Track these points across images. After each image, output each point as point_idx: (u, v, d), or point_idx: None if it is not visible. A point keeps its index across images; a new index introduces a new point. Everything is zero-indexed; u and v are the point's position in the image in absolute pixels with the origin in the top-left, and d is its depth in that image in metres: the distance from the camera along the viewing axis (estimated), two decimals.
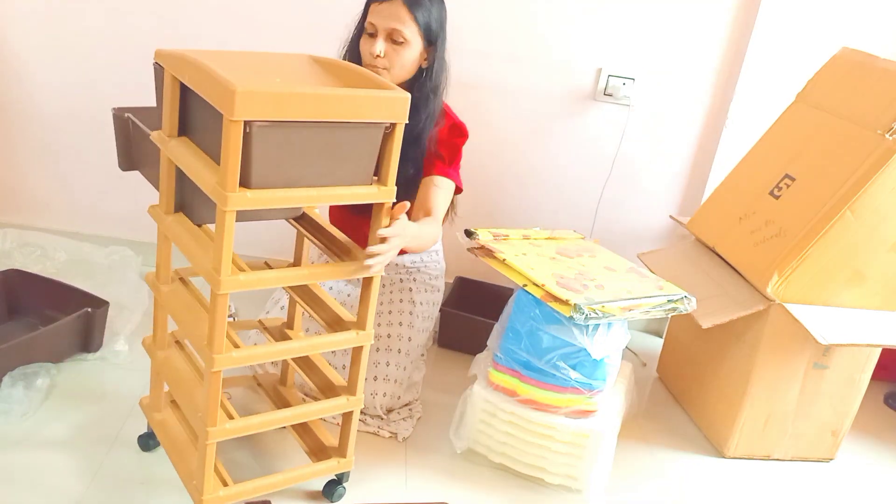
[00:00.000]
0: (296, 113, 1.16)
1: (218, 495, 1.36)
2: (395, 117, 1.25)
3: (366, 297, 1.40)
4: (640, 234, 2.45)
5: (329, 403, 1.46)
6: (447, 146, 1.81)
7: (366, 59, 1.74)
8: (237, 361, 1.29)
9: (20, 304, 1.97)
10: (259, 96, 1.12)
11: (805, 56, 2.17)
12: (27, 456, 1.53)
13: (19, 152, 2.41)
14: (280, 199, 1.21)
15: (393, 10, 1.69)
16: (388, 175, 1.30)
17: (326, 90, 1.25)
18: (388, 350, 1.83)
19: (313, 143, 1.21)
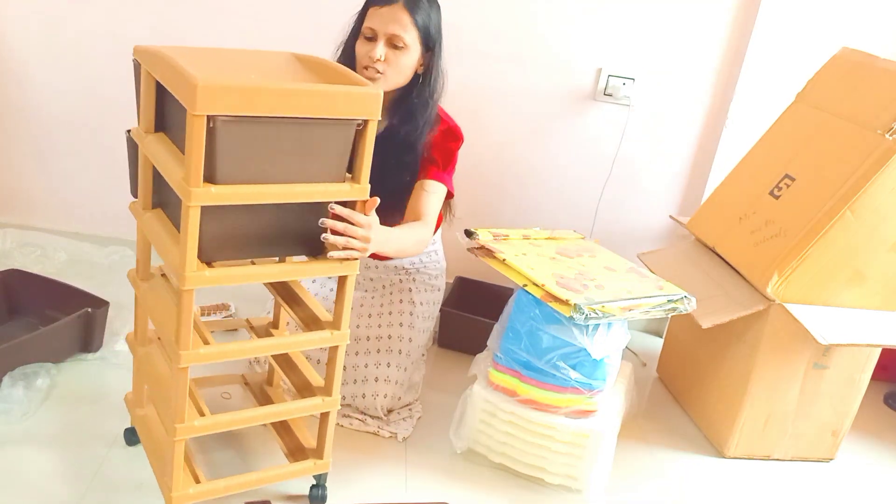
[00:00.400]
0: (261, 108, 1.15)
1: (187, 492, 1.35)
2: (367, 114, 1.23)
3: (340, 296, 1.37)
4: (640, 234, 2.45)
5: (303, 403, 1.44)
6: (441, 150, 1.80)
7: (362, 62, 1.71)
8: (204, 358, 1.28)
9: (20, 304, 1.97)
10: (222, 90, 1.11)
11: (805, 56, 2.17)
12: (27, 456, 1.53)
13: (19, 152, 2.41)
14: (246, 195, 1.20)
15: (394, 14, 1.67)
16: (362, 172, 1.28)
17: (293, 85, 1.23)
18: (388, 351, 1.83)
19: (281, 140, 1.19)
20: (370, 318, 1.88)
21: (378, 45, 1.68)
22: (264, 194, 1.22)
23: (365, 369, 1.81)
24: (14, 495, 1.43)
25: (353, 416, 1.80)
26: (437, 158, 1.79)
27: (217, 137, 1.14)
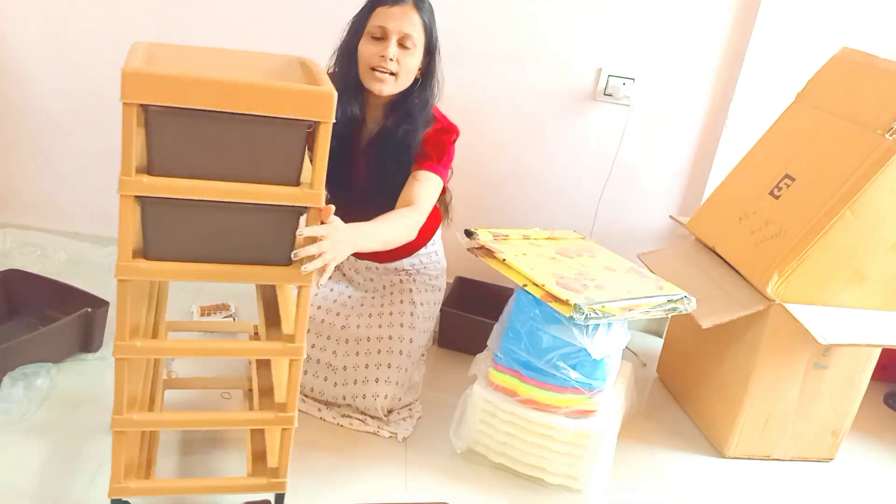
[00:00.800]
0: (197, 101, 1.11)
1: (127, 486, 1.34)
2: (319, 115, 1.16)
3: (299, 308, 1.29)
4: (640, 234, 2.45)
5: (252, 415, 1.38)
6: (435, 144, 1.76)
7: (371, 62, 1.67)
8: (139, 351, 1.27)
9: (20, 304, 1.97)
10: (151, 79, 1.09)
11: (805, 56, 2.17)
12: (27, 456, 1.53)
13: (19, 152, 2.41)
14: (182, 189, 1.16)
15: (405, 13, 1.65)
16: (316, 178, 1.20)
17: (230, 78, 1.14)
18: (388, 352, 1.83)
19: (224, 136, 1.15)
20: (370, 318, 1.88)
21: (390, 44, 1.65)
22: (199, 189, 1.17)
23: (365, 370, 1.81)
24: (14, 495, 1.43)
25: (353, 417, 1.81)
26: (431, 152, 1.75)
27: (150, 128, 1.13)
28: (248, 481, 1.40)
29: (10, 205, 2.45)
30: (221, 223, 1.22)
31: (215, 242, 1.23)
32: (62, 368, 1.81)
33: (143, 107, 1.12)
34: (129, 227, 1.18)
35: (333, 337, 1.85)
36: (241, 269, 1.25)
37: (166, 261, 1.23)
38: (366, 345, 1.83)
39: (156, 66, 1.17)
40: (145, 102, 1.11)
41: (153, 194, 1.17)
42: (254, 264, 1.25)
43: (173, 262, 1.23)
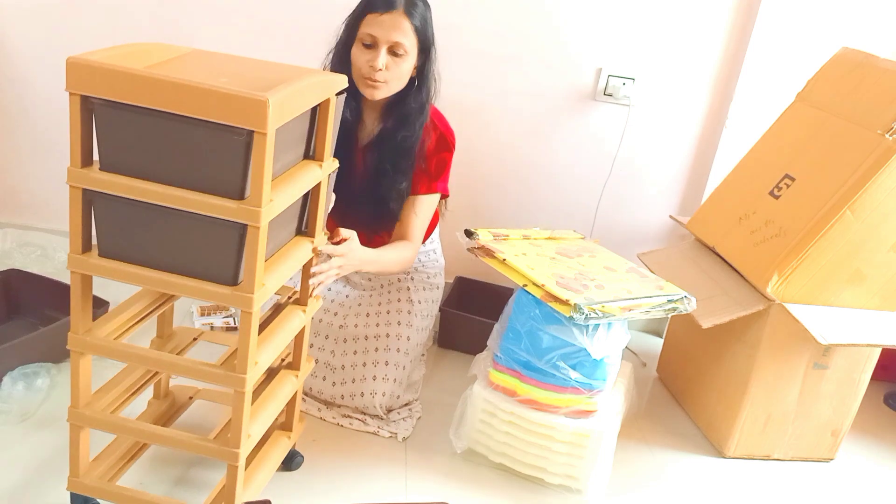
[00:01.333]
0: (133, 96, 1.09)
1: (82, 482, 1.35)
2: (250, 123, 1.07)
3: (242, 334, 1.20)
4: (640, 234, 2.45)
5: (198, 441, 1.30)
6: (435, 161, 1.80)
7: (362, 71, 1.67)
8: (92, 348, 1.26)
9: (20, 304, 1.97)
10: (91, 71, 1.09)
11: (805, 56, 2.17)
12: (27, 456, 1.53)
13: (19, 152, 2.41)
14: (121, 187, 1.14)
15: (395, 20, 1.63)
16: (254, 193, 1.11)
17: (164, 76, 1.08)
18: (386, 350, 1.83)
19: (162, 137, 1.11)
20: (368, 317, 1.88)
21: (380, 53, 1.64)
22: (140, 190, 1.14)
23: (363, 368, 1.81)
24: (14, 494, 1.43)
25: (354, 416, 1.81)
26: (432, 170, 1.80)
27: (95, 122, 1.13)
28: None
29: (10, 205, 2.45)
30: (165, 230, 1.18)
31: (161, 249, 1.19)
32: (62, 368, 1.81)
33: (88, 99, 1.12)
34: (77, 219, 1.18)
35: (332, 336, 1.85)
36: (186, 283, 1.19)
37: (115, 260, 1.21)
38: (364, 343, 1.84)
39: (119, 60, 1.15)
40: (86, 94, 1.12)
41: (95, 188, 1.17)
42: (199, 278, 1.19)
43: (120, 263, 1.21)
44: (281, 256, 1.31)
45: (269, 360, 1.30)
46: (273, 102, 1.06)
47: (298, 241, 1.38)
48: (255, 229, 1.13)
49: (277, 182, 1.21)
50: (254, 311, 1.18)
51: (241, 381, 1.22)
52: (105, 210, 1.19)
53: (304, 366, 1.53)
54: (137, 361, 1.30)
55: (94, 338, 1.27)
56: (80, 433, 1.32)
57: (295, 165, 1.31)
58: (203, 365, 1.26)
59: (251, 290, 1.17)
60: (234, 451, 1.26)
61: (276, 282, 1.25)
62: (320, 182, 1.35)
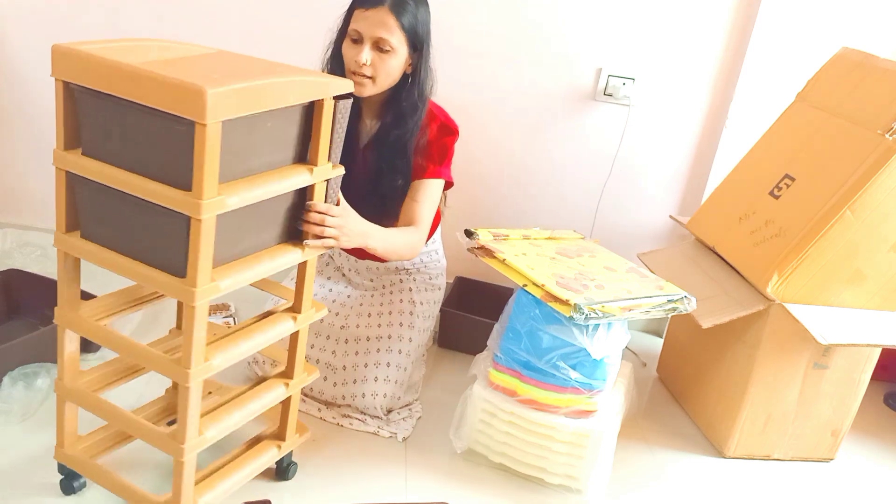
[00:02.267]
0: (100, 83, 1.12)
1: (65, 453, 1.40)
2: (190, 113, 1.06)
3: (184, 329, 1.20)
4: (640, 234, 2.45)
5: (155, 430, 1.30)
6: (437, 146, 1.79)
7: (350, 66, 1.69)
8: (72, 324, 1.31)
9: (20, 304, 1.97)
10: (68, 57, 1.13)
11: (805, 56, 2.17)
12: (27, 456, 1.53)
13: (19, 152, 2.41)
14: (91, 171, 1.18)
15: (379, 17, 1.63)
16: (195, 185, 1.10)
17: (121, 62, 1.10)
18: (388, 351, 1.83)
19: (125, 124, 1.14)
20: (370, 317, 1.89)
21: (364, 49, 1.65)
22: (108, 176, 1.17)
23: (364, 369, 1.81)
24: (14, 495, 1.43)
25: (354, 416, 1.81)
26: (434, 154, 1.79)
27: (78, 107, 1.17)
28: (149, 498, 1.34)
29: (10, 205, 2.45)
30: (129, 217, 1.20)
31: (127, 236, 1.22)
32: None
33: (69, 85, 1.16)
34: (62, 200, 1.23)
35: (333, 337, 1.85)
36: (141, 270, 1.21)
37: (91, 241, 1.25)
38: (365, 344, 1.84)
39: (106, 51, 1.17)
40: (65, 80, 1.15)
41: (73, 171, 1.20)
42: (156, 267, 1.20)
43: (92, 244, 1.25)
44: (254, 259, 1.28)
45: (228, 360, 1.28)
46: (214, 94, 1.05)
47: (282, 247, 1.34)
48: (197, 222, 1.12)
49: (246, 180, 1.20)
50: (197, 306, 1.16)
51: (186, 376, 1.21)
52: (83, 193, 1.24)
53: (298, 374, 1.49)
54: (102, 341, 1.32)
55: (77, 315, 1.31)
56: (66, 406, 1.38)
57: (279, 168, 1.28)
58: (155, 354, 1.26)
59: (194, 285, 1.16)
60: (180, 447, 1.25)
61: (233, 282, 1.22)
62: (313, 187, 1.33)
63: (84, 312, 1.33)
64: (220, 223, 1.16)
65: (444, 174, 1.81)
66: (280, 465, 1.57)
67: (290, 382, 1.48)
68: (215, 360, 1.25)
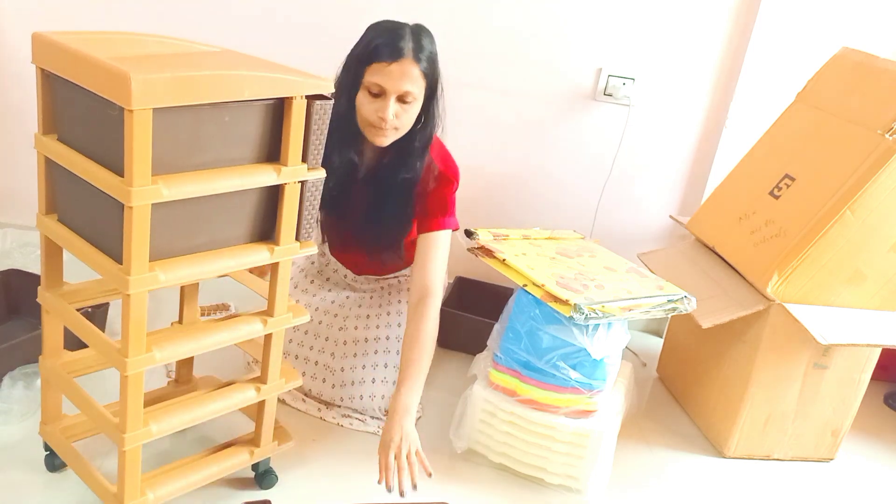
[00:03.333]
0: (57, 67, 1.16)
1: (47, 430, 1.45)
2: (119, 99, 1.05)
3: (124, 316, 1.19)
4: (640, 234, 2.45)
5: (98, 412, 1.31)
6: (438, 201, 1.72)
7: (370, 119, 1.59)
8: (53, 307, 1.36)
9: (20, 304, 1.97)
10: (42, 45, 1.17)
11: (805, 56, 2.17)
12: (27, 456, 1.53)
13: (19, 152, 2.41)
14: (58, 155, 1.21)
15: (403, 69, 1.54)
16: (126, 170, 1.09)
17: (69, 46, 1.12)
18: (385, 352, 1.83)
19: (78, 109, 1.18)
20: (368, 319, 1.88)
21: (389, 103, 1.56)
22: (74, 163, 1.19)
23: (362, 370, 1.81)
24: (14, 495, 1.43)
25: (354, 416, 1.80)
26: (435, 209, 1.72)
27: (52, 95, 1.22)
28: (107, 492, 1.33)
29: (10, 205, 2.45)
30: (87, 201, 1.22)
31: (87, 221, 1.25)
32: None
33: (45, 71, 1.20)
34: (42, 183, 1.27)
35: (331, 339, 1.85)
36: (94, 256, 1.22)
37: (63, 224, 1.29)
38: (363, 346, 1.83)
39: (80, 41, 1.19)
40: (39, 65, 1.20)
41: (44, 153, 1.25)
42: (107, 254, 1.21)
43: (65, 229, 1.28)
44: (212, 256, 1.26)
45: (174, 356, 1.28)
46: (140, 79, 1.03)
47: (250, 247, 1.31)
48: (129, 209, 1.11)
49: (192, 174, 1.18)
50: (132, 294, 1.16)
51: (123, 364, 1.20)
52: (54, 177, 1.28)
53: (273, 380, 1.44)
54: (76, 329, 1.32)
55: (57, 298, 1.34)
56: (49, 385, 1.43)
57: (239, 165, 1.24)
58: (99, 341, 1.26)
59: (128, 272, 1.15)
60: (122, 436, 1.25)
61: (179, 276, 1.21)
62: (284, 188, 1.29)
63: (66, 296, 1.37)
64: (163, 213, 1.15)
65: (449, 224, 1.74)
66: (256, 471, 1.54)
67: (262, 387, 1.44)
68: (161, 355, 1.25)
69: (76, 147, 1.20)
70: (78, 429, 1.48)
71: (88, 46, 1.15)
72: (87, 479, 1.39)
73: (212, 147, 1.20)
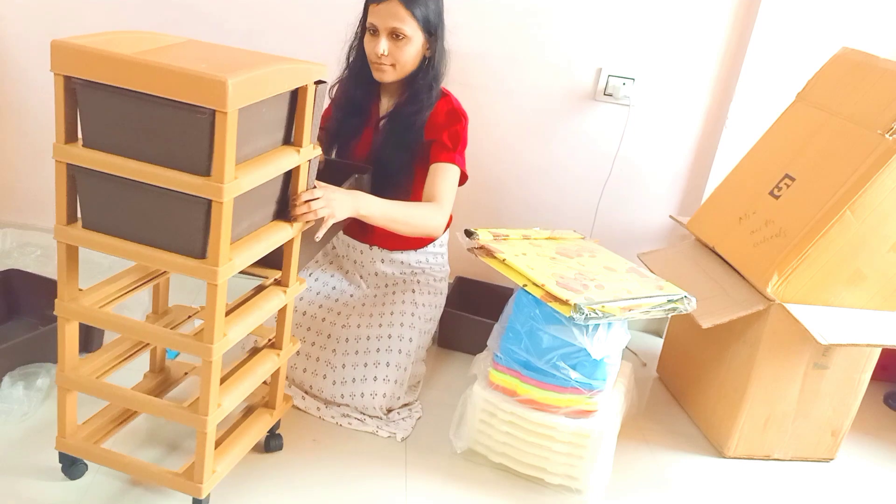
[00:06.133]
0: (108, 76, 1.15)
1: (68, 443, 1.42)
2: (212, 103, 1.13)
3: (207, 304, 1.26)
4: (640, 234, 2.45)
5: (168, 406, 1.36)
6: (449, 133, 1.84)
7: (371, 58, 1.81)
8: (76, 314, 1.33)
9: (20, 304, 1.97)
10: (70, 52, 1.15)
11: (805, 56, 2.17)
12: (27, 456, 1.53)
13: (19, 152, 2.41)
14: (100, 162, 1.21)
15: (391, 9, 1.74)
16: (216, 169, 1.17)
17: (132, 56, 1.15)
18: (388, 350, 1.83)
19: (135, 115, 1.18)
20: (371, 317, 1.89)
21: (381, 40, 1.76)
22: (113, 165, 1.20)
23: (364, 368, 1.81)
24: (14, 495, 1.43)
25: (353, 416, 1.81)
26: (447, 141, 1.84)
27: (78, 101, 1.19)
28: (171, 476, 1.38)
29: (10, 205, 2.45)
30: (140, 204, 1.24)
31: (136, 223, 1.25)
32: None
33: (70, 79, 1.17)
34: (63, 192, 1.25)
35: (334, 335, 1.85)
36: (157, 255, 1.25)
37: (96, 231, 1.27)
38: (365, 343, 1.84)
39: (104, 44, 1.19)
40: (67, 74, 1.17)
41: (76, 163, 1.22)
42: (172, 252, 1.25)
43: (100, 234, 1.27)
44: (256, 237, 1.35)
45: (241, 334, 1.35)
46: (233, 84, 1.11)
47: (276, 224, 1.41)
48: (218, 205, 1.18)
49: (249, 163, 1.26)
50: (219, 284, 1.23)
51: (209, 351, 1.27)
52: (86, 184, 1.26)
53: (286, 346, 1.57)
54: (113, 327, 1.35)
55: (78, 305, 1.33)
56: (67, 396, 1.40)
57: (271, 150, 1.34)
58: (173, 333, 1.32)
59: (216, 264, 1.22)
60: (203, 418, 1.31)
61: (245, 259, 1.29)
62: (298, 167, 1.40)
63: (85, 302, 1.35)
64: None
65: (458, 161, 1.85)
66: (266, 437, 1.64)
67: (280, 353, 1.55)
68: (231, 335, 1.32)
69: (116, 152, 1.21)
70: (101, 432, 1.48)
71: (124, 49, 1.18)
72: (137, 473, 1.42)
73: (252, 138, 1.27)
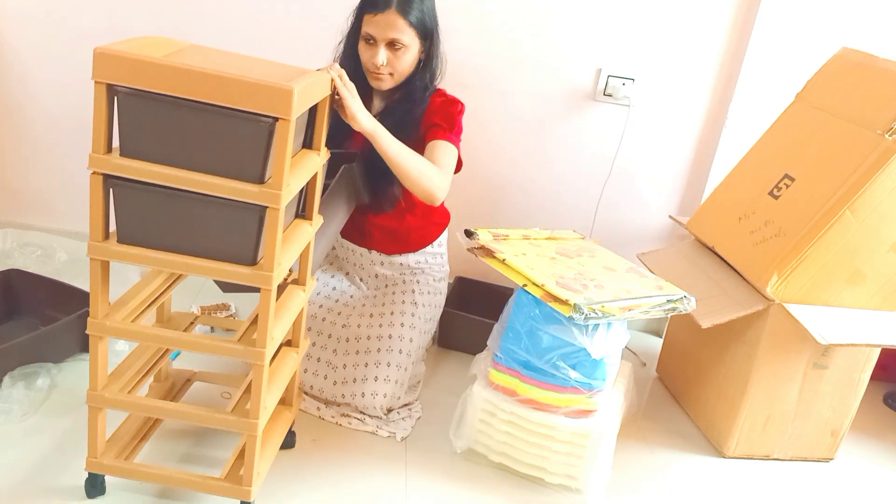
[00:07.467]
0: (160, 85, 1.13)
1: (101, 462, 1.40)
2: (277, 111, 1.15)
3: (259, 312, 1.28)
4: (640, 234, 2.45)
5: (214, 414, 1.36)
6: (444, 115, 1.82)
7: (367, 67, 1.78)
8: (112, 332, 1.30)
9: (20, 304, 1.97)
10: (118, 60, 1.13)
11: (805, 56, 2.17)
12: (27, 456, 1.53)
13: (20, 152, 2.41)
14: (143, 172, 1.18)
15: (388, 20, 1.71)
16: (275, 178, 1.19)
17: (191, 66, 1.14)
18: (388, 350, 1.83)
19: (186, 124, 1.17)
20: (371, 317, 1.89)
21: (379, 51, 1.73)
22: (160, 175, 1.18)
23: (364, 368, 1.81)
24: (14, 495, 1.43)
25: (352, 416, 1.81)
26: (441, 122, 1.81)
27: (119, 110, 1.17)
28: (215, 482, 1.39)
29: (10, 205, 2.45)
30: (187, 214, 1.22)
31: (181, 233, 1.24)
32: (62, 368, 1.81)
33: (113, 88, 1.15)
34: (99, 206, 1.21)
35: (334, 336, 1.86)
36: (207, 264, 1.24)
37: (135, 245, 1.25)
38: (366, 343, 1.84)
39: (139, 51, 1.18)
40: (112, 82, 1.14)
41: (116, 174, 1.20)
42: (220, 260, 1.25)
43: (141, 248, 1.25)
44: (287, 237, 1.36)
45: (282, 335, 1.37)
46: (297, 91, 1.15)
47: (299, 223, 1.44)
48: (274, 211, 1.20)
49: (293, 169, 1.28)
50: (272, 289, 1.25)
51: (261, 355, 1.29)
52: (124, 196, 1.23)
53: (302, 343, 1.59)
54: (159, 342, 1.36)
55: (112, 321, 1.31)
56: (98, 415, 1.37)
57: (297, 154, 1.37)
58: (223, 341, 1.31)
59: (270, 269, 1.24)
60: (254, 422, 1.33)
61: (288, 261, 1.31)
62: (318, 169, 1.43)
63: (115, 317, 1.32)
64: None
65: (454, 141, 1.81)
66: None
67: (297, 351, 1.57)
68: (276, 338, 1.33)
69: (158, 161, 1.19)
70: (130, 446, 1.47)
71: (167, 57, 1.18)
72: (180, 483, 1.41)
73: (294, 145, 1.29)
